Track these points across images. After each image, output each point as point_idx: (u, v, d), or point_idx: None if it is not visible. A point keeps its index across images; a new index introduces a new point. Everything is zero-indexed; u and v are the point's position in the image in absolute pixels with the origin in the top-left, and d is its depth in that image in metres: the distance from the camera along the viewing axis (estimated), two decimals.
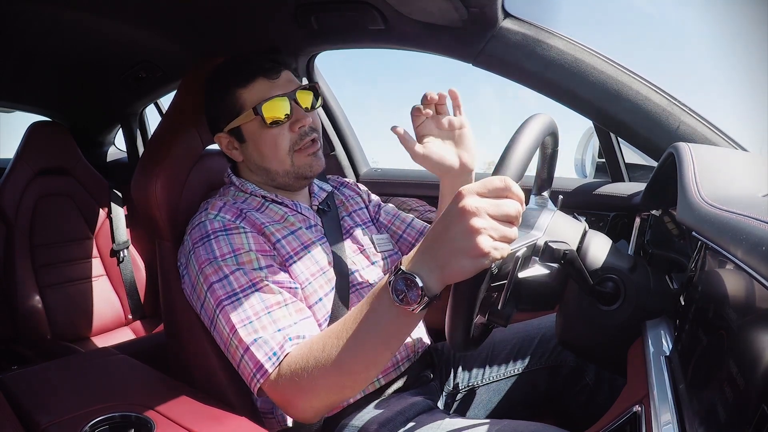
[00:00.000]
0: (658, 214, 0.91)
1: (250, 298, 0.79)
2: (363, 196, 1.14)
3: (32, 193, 1.87)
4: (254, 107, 0.88)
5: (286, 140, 0.91)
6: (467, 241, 0.55)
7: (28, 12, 1.27)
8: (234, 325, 0.77)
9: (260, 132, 0.91)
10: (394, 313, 0.62)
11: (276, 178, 0.94)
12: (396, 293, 0.60)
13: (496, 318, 0.66)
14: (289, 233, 0.90)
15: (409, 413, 0.85)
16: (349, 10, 1.09)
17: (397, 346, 0.67)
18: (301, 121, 0.91)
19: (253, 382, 0.76)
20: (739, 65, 36.12)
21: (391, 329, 0.64)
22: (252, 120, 0.90)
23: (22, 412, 0.79)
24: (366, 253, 1.01)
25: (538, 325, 1.03)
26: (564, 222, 0.72)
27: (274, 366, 0.74)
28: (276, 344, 0.75)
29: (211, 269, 0.81)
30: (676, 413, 0.49)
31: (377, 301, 0.64)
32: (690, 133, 0.95)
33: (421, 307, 0.59)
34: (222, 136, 0.95)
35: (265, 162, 0.93)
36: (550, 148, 0.78)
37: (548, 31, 0.99)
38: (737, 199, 0.51)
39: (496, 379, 1.00)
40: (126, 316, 2.01)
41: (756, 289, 0.38)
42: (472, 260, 0.55)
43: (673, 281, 0.74)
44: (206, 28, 1.27)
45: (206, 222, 0.85)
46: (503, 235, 0.55)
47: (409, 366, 0.96)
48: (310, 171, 0.94)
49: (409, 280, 0.59)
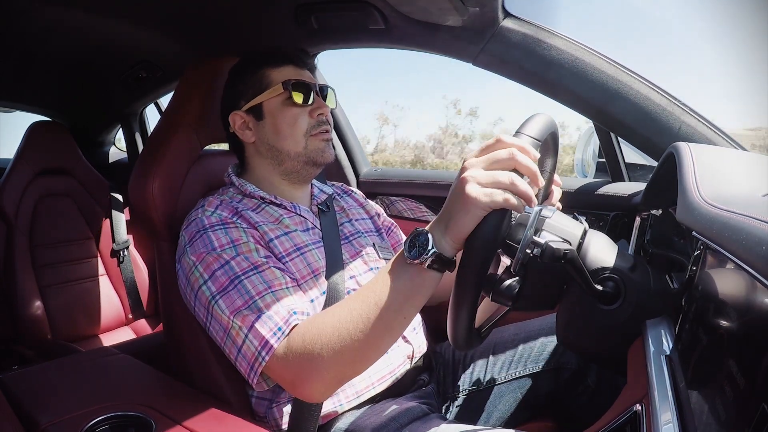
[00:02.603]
0: (658, 213, 0.91)
1: (252, 278, 0.79)
2: (367, 208, 1.14)
3: (32, 193, 1.87)
4: (284, 82, 0.92)
5: (305, 122, 0.93)
6: (459, 194, 0.60)
7: (28, 12, 1.27)
8: (237, 306, 0.77)
9: (282, 109, 0.93)
10: (407, 272, 0.65)
11: (285, 161, 0.95)
12: (408, 249, 0.64)
13: (500, 297, 0.67)
14: (282, 234, 0.90)
15: (403, 420, 0.84)
16: (349, 10, 1.09)
17: (411, 313, 0.67)
18: (322, 109, 0.94)
19: (256, 363, 0.74)
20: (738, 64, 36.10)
21: (405, 289, 0.65)
22: (278, 95, 0.93)
23: (22, 411, 0.79)
24: (365, 259, 0.99)
25: (539, 327, 1.02)
26: (564, 222, 0.72)
27: (279, 341, 0.73)
28: (281, 319, 0.74)
29: (212, 257, 0.81)
30: (676, 412, 0.49)
31: (392, 264, 0.67)
32: (690, 133, 0.95)
33: (429, 261, 0.62)
34: (237, 114, 0.96)
35: (280, 141, 0.93)
36: (551, 148, 0.78)
37: (548, 30, 0.99)
38: (737, 199, 0.51)
39: (498, 383, 0.99)
40: (126, 315, 2.01)
41: (756, 288, 0.38)
42: (466, 211, 0.59)
43: (673, 281, 0.74)
44: (206, 27, 1.27)
45: (203, 217, 0.86)
46: (494, 180, 0.59)
47: (404, 371, 0.95)
48: (321, 157, 0.95)
49: (421, 235, 0.63)
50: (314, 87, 0.94)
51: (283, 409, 0.86)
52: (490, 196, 0.58)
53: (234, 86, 0.98)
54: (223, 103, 1.00)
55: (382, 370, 0.91)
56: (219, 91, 1.02)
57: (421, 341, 1.00)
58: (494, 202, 0.58)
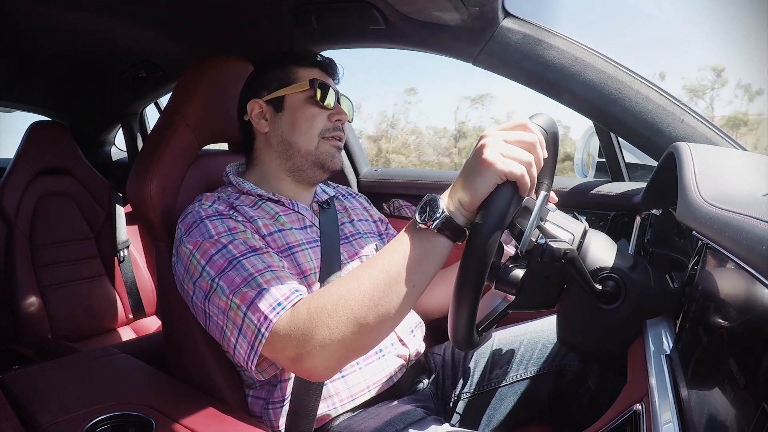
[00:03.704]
0: (658, 213, 0.91)
1: (251, 259, 0.78)
2: (371, 212, 1.14)
3: (32, 193, 1.87)
4: (311, 80, 0.94)
5: (322, 123, 0.95)
6: (477, 158, 0.61)
7: (28, 12, 1.27)
8: (236, 284, 0.75)
9: (303, 105, 0.95)
10: (418, 237, 0.66)
11: (294, 157, 0.95)
12: (419, 213, 0.65)
13: (504, 285, 0.67)
14: (276, 230, 0.89)
15: (399, 423, 0.83)
16: (350, 9, 1.09)
17: (422, 281, 0.66)
18: (341, 116, 0.96)
19: (256, 342, 0.72)
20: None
21: (415, 254, 0.66)
22: (303, 92, 0.94)
23: (23, 411, 0.79)
24: (364, 260, 0.98)
25: (539, 329, 1.01)
26: (564, 221, 0.72)
27: (279, 315, 0.71)
28: (281, 295, 0.73)
29: (209, 244, 0.80)
30: (676, 411, 0.49)
31: (403, 231, 0.69)
32: (690, 133, 0.95)
33: (439, 225, 0.64)
34: (257, 102, 0.96)
35: (294, 135, 0.94)
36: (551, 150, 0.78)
37: (548, 30, 0.99)
38: (737, 199, 0.51)
39: (498, 386, 0.99)
40: (127, 315, 2.01)
41: (756, 288, 0.38)
42: (482, 175, 0.60)
43: (673, 280, 0.74)
44: (207, 27, 1.27)
45: (199, 209, 0.85)
46: (515, 155, 0.60)
47: (401, 374, 0.94)
48: (331, 162, 0.96)
49: (432, 200, 0.65)
50: (338, 94, 0.97)
51: (279, 410, 0.85)
52: (508, 166, 0.59)
53: (259, 76, 1.00)
54: (243, 91, 1.01)
55: (378, 373, 0.90)
56: (219, 90, 1.02)
57: (418, 343, 0.99)
58: (511, 173, 0.59)
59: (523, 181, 0.60)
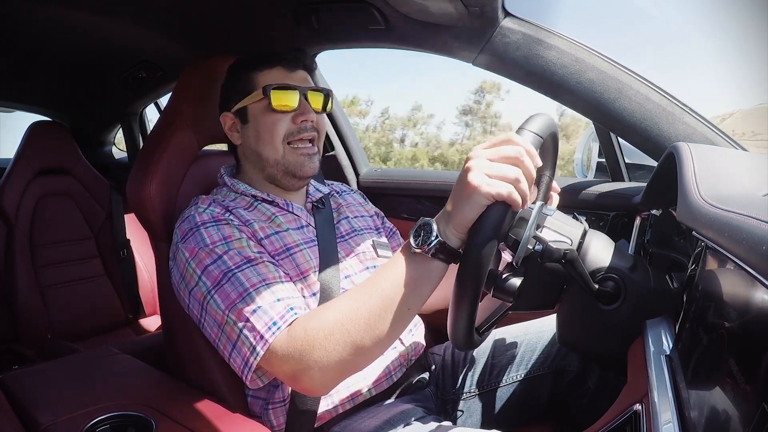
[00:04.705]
0: (658, 213, 0.91)
1: (245, 271, 0.78)
2: (367, 207, 1.13)
3: (32, 193, 1.87)
4: (263, 87, 0.90)
5: (284, 128, 0.91)
6: (462, 183, 0.61)
7: (28, 12, 1.27)
8: (231, 300, 0.76)
9: (263, 114, 0.92)
10: (412, 261, 0.66)
11: (266, 167, 0.94)
12: (414, 237, 0.65)
13: (501, 293, 0.67)
14: (273, 233, 0.89)
15: (399, 422, 0.84)
16: (350, 10, 1.09)
17: (416, 304, 0.67)
18: (305, 116, 0.92)
19: (251, 358, 0.73)
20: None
21: (410, 278, 0.65)
22: (259, 101, 0.91)
23: (23, 411, 0.79)
24: (360, 258, 0.98)
25: (540, 329, 1.01)
26: (564, 222, 0.72)
27: (275, 335, 0.72)
28: (276, 314, 0.74)
29: (204, 253, 0.80)
30: (676, 411, 0.49)
31: (397, 253, 0.68)
32: (690, 133, 0.95)
33: (434, 250, 0.63)
34: (228, 115, 0.96)
35: (260, 146, 0.93)
36: (551, 150, 0.78)
37: (548, 30, 0.99)
38: (737, 199, 0.51)
39: (498, 386, 0.99)
40: (126, 315, 2.01)
41: (756, 288, 0.38)
42: (468, 199, 0.60)
43: (673, 280, 0.74)
44: (207, 27, 1.27)
45: (195, 215, 0.85)
46: (500, 174, 0.59)
47: (401, 373, 0.94)
48: (301, 171, 0.93)
49: (426, 224, 0.64)
50: (302, 91, 0.91)
51: (278, 409, 0.86)
52: (494, 187, 0.59)
53: (225, 87, 0.99)
54: (220, 101, 1.00)
55: (377, 372, 0.90)
56: (218, 91, 1.01)
57: (417, 343, 0.99)
58: (498, 194, 0.59)
59: (512, 198, 0.59)
